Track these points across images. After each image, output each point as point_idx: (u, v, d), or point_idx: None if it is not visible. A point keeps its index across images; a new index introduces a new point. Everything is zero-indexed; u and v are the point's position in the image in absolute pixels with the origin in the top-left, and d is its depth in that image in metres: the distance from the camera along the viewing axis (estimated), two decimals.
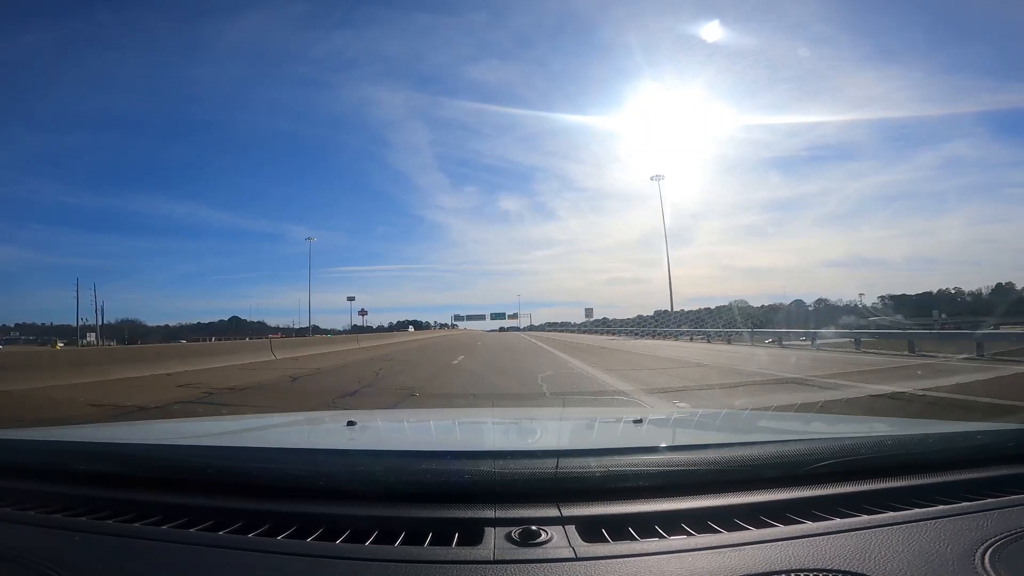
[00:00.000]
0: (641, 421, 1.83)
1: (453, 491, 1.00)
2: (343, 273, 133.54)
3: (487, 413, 3.20)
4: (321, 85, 73.71)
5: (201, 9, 67.88)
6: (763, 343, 21.14)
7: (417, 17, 57.78)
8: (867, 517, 0.96)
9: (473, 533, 0.90)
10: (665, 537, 0.91)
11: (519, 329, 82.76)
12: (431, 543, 0.88)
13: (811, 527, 0.93)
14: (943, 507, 1.00)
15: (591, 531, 0.91)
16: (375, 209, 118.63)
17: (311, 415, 3.08)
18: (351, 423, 1.79)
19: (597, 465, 1.04)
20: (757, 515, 0.96)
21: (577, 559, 0.84)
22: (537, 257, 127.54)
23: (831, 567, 0.82)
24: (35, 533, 0.98)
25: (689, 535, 0.91)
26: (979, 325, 19.28)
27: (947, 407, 5.46)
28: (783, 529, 0.93)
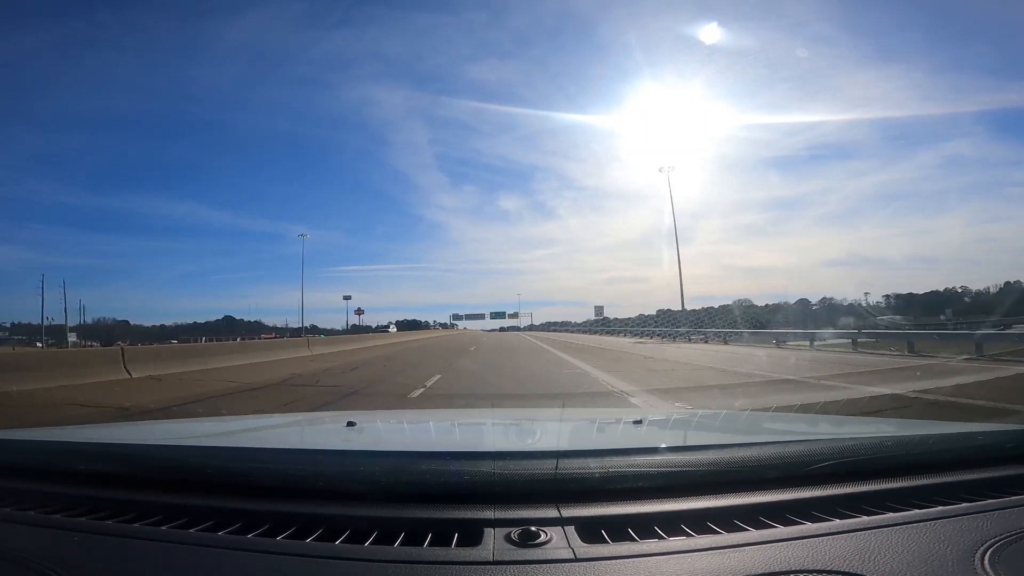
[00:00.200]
0: (641, 422, 1.83)
1: (452, 492, 1.00)
2: (343, 273, 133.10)
3: (487, 414, 3.19)
4: (320, 85, 73.50)
5: (201, 9, 67.74)
6: (784, 344, 19.39)
7: (417, 17, 57.75)
8: (867, 518, 0.96)
9: (472, 534, 0.90)
10: (665, 538, 0.91)
11: (519, 329, 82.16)
12: (430, 544, 0.88)
13: (811, 528, 0.93)
14: (943, 508, 0.99)
15: (590, 532, 0.91)
16: (374, 209, 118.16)
17: (311, 415, 3.09)
18: (351, 423, 1.79)
19: (597, 466, 1.04)
20: (757, 516, 0.96)
21: (576, 560, 0.84)
22: (537, 256, 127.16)
23: (831, 568, 0.81)
24: (35, 533, 0.98)
25: (689, 536, 0.91)
26: (992, 324, 18.88)
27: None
28: (783, 530, 0.93)
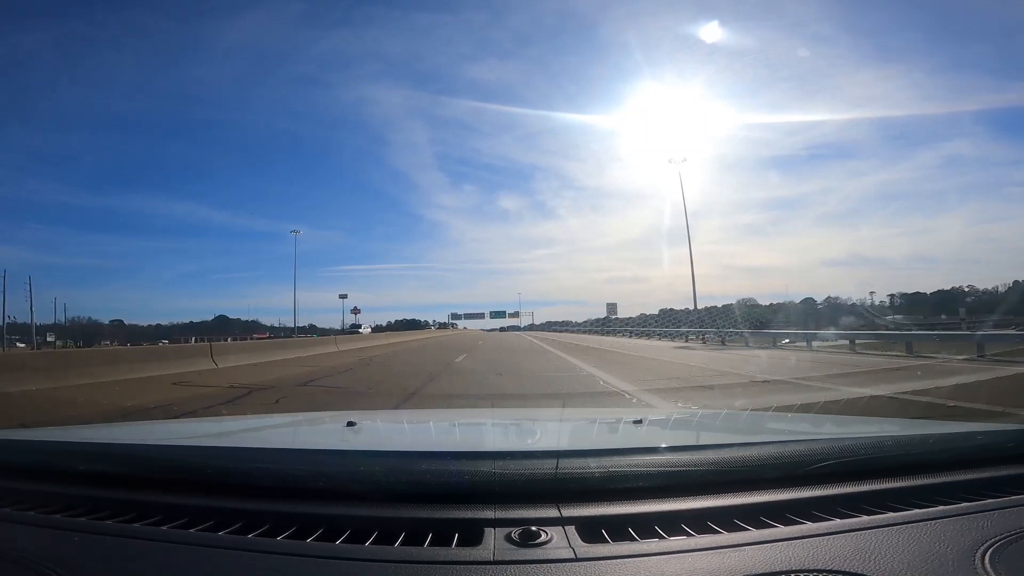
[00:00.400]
0: (641, 422, 1.83)
1: (453, 491, 1.00)
2: (342, 272, 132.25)
3: (487, 414, 3.20)
4: (320, 84, 73.32)
5: (200, 9, 67.69)
6: (791, 345, 18.60)
7: (416, 16, 57.64)
8: (867, 518, 0.96)
9: (473, 534, 0.90)
10: (665, 538, 0.91)
11: (519, 328, 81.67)
12: (431, 543, 0.88)
13: (811, 527, 0.93)
14: (943, 507, 0.99)
15: (591, 532, 0.91)
16: (374, 209, 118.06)
17: (311, 415, 3.08)
18: (351, 423, 1.79)
19: (597, 466, 1.04)
20: (757, 516, 0.96)
21: (577, 560, 0.84)
22: (537, 256, 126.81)
23: (831, 567, 0.82)
24: (35, 533, 0.98)
25: (689, 535, 0.91)
26: (1009, 324, 18.50)
27: None
28: (783, 530, 0.93)
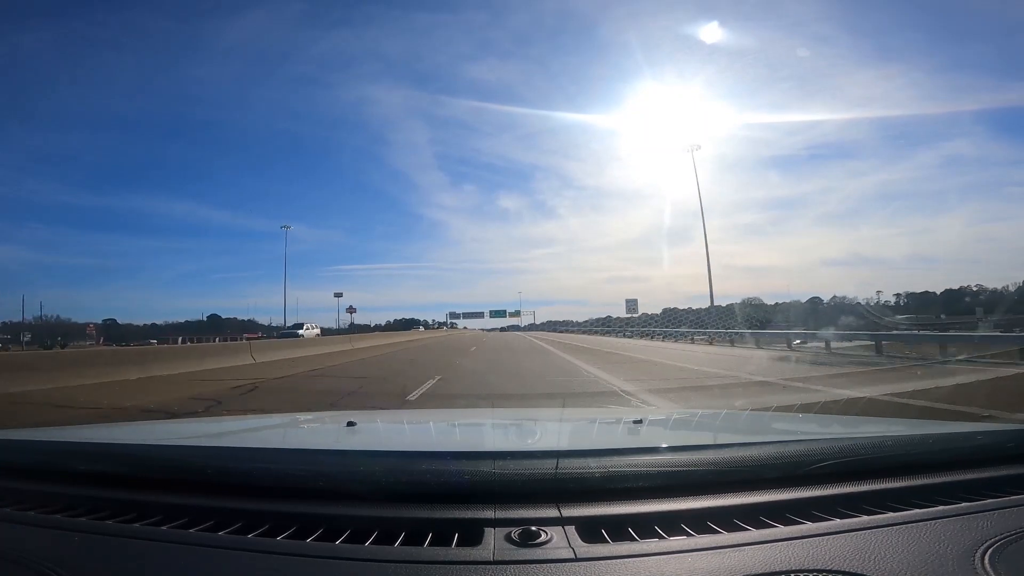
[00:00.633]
0: (641, 422, 1.83)
1: (453, 492, 1.00)
2: (342, 272, 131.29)
3: (487, 414, 3.19)
4: (319, 84, 73.00)
5: (200, 9, 67.58)
6: (804, 346, 16.96)
7: (416, 16, 57.51)
8: (867, 518, 0.96)
9: (473, 533, 0.90)
10: (665, 538, 0.91)
11: (520, 328, 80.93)
12: (431, 543, 0.88)
13: (811, 527, 0.93)
14: (943, 507, 0.99)
15: (591, 532, 0.91)
16: (374, 208, 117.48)
17: (311, 415, 3.08)
18: (351, 424, 1.79)
19: (597, 466, 1.04)
20: (757, 515, 0.96)
21: (577, 559, 0.84)
22: (537, 256, 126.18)
23: (831, 567, 0.82)
24: (35, 533, 0.98)
25: (689, 535, 0.91)
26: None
27: None
28: (783, 530, 0.93)
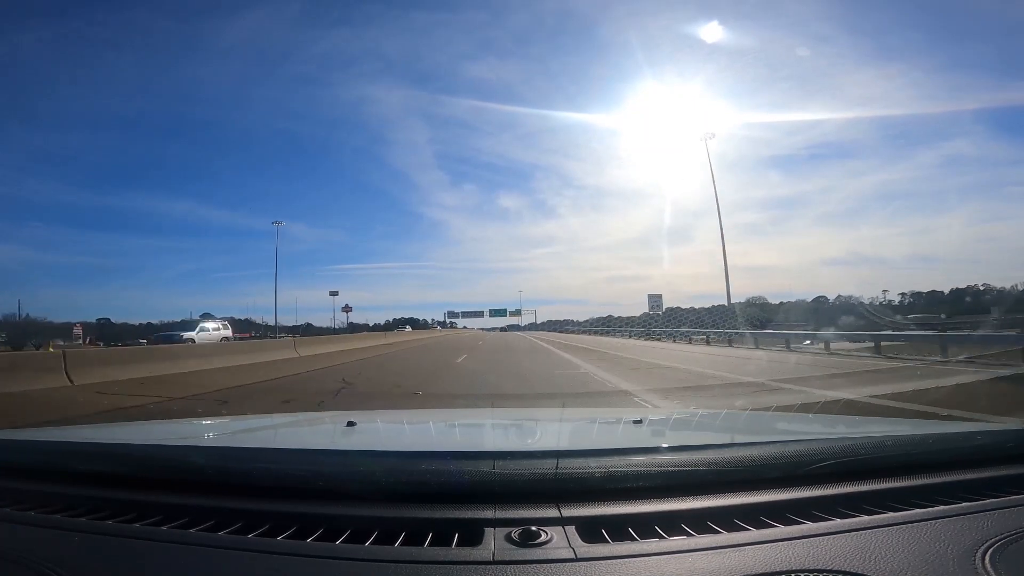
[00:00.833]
0: (641, 421, 1.83)
1: (453, 491, 1.00)
2: (341, 271, 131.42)
3: (487, 414, 3.20)
4: (319, 83, 72.75)
5: (200, 8, 67.47)
6: (811, 346, 16.08)
7: (416, 15, 57.36)
8: (867, 517, 0.96)
9: (473, 533, 0.90)
10: (665, 538, 0.91)
11: (520, 328, 79.83)
12: (431, 543, 0.88)
13: (811, 527, 0.93)
14: (943, 507, 1.00)
15: (591, 531, 0.91)
16: (374, 208, 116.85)
17: (311, 415, 3.08)
18: (351, 423, 1.79)
19: (597, 466, 1.04)
20: (757, 515, 0.96)
21: (577, 559, 0.84)
22: (537, 255, 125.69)
23: (831, 567, 0.82)
24: (35, 533, 0.98)
25: (689, 535, 0.91)
26: None
27: None
28: (783, 529, 0.93)
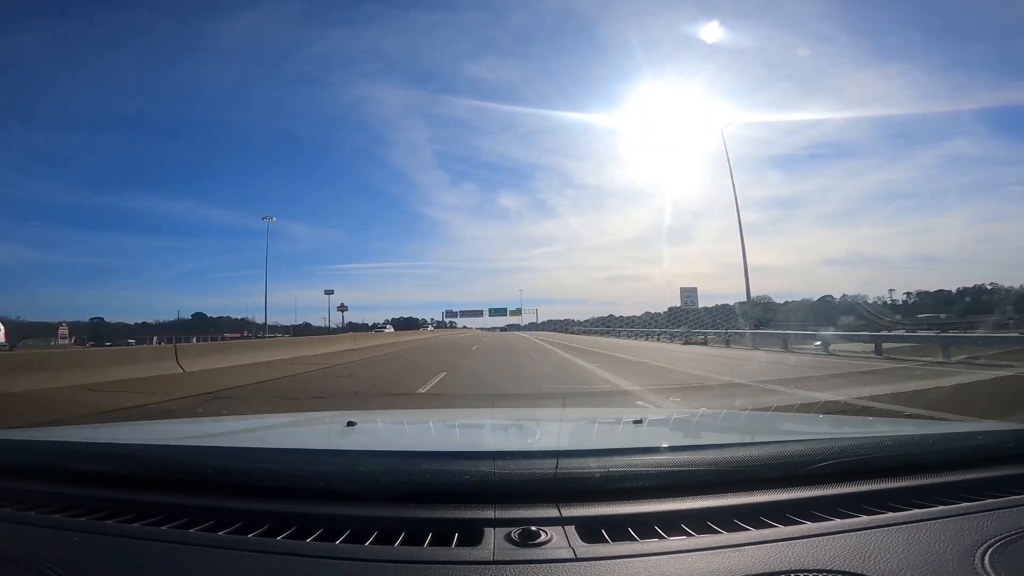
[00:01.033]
0: (641, 421, 1.83)
1: (453, 491, 1.00)
2: (341, 271, 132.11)
3: (487, 413, 3.20)
4: (319, 83, 73.45)
5: (200, 8, 67.92)
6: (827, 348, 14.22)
7: (416, 15, 57.96)
8: (867, 517, 0.96)
9: (473, 533, 0.90)
10: (665, 538, 0.91)
11: (520, 328, 78.98)
12: (431, 543, 0.88)
13: (811, 527, 0.93)
14: (943, 507, 1.00)
15: (591, 531, 0.91)
16: (374, 207, 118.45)
17: (311, 415, 3.08)
18: (351, 423, 1.79)
19: (597, 466, 1.04)
20: (757, 515, 0.96)
21: (577, 559, 0.84)
22: (537, 255, 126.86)
23: (831, 567, 0.82)
24: (35, 533, 0.98)
25: (689, 535, 0.91)
26: None
27: None
28: (783, 529, 0.93)
